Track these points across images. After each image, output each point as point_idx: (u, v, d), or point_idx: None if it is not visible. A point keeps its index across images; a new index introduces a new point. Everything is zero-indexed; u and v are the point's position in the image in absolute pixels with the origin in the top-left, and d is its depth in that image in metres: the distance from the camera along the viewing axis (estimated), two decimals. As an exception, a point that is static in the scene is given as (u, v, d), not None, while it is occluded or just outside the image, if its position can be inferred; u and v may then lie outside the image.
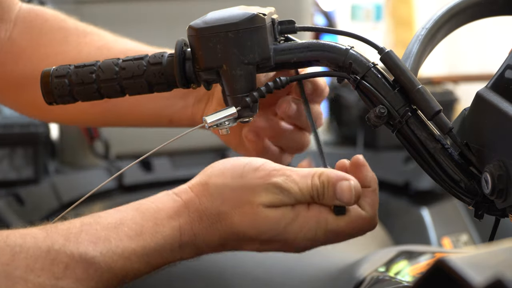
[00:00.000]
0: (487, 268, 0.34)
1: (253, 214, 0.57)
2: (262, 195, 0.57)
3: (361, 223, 0.60)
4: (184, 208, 0.57)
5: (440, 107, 0.60)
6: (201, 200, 0.58)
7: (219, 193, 0.58)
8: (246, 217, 0.57)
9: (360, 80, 0.62)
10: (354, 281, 0.89)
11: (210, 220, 0.57)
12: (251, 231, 0.58)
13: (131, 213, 0.56)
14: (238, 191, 0.57)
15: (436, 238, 1.72)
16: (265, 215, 0.57)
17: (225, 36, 0.62)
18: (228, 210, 0.57)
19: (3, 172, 1.60)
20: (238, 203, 0.57)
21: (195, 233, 0.57)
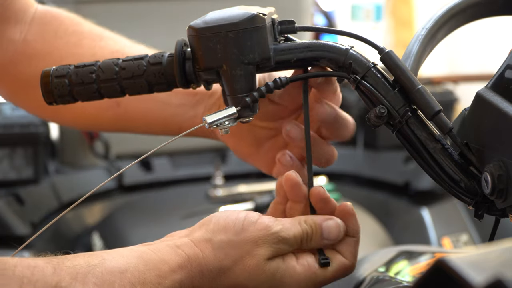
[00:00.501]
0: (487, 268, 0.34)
1: (255, 266, 0.59)
2: (264, 247, 0.59)
3: (344, 271, 0.64)
4: (187, 263, 0.58)
5: (440, 107, 0.60)
6: (204, 255, 0.59)
7: (222, 249, 0.59)
8: (247, 270, 0.59)
9: (360, 80, 0.62)
10: (354, 281, 0.89)
11: (211, 275, 0.59)
12: (251, 283, 0.59)
13: (134, 261, 0.57)
14: (240, 246, 0.59)
15: (436, 238, 1.72)
16: (264, 266, 0.59)
17: (225, 36, 0.62)
18: (230, 264, 0.59)
19: (3, 172, 1.60)
20: (240, 257, 0.59)
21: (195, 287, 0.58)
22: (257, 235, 0.59)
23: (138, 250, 0.59)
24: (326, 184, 1.54)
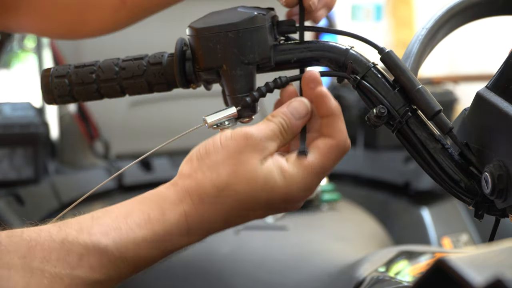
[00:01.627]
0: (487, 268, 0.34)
1: (248, 172, 0.59)
2: (249, 152, 0.60)
3: (336, 150, 0.62)
4: (185, 194, 0.59)
5: (440, 107, 0.60)
6: (198, 182, 0.60)
7: (213, 170, 0.60)
8: (243, 180, 0.59)
9: (360, 80, 0.62)
10: (354, 281, 0.89)
11: (210, 198, 0.59)
12: (251, 192, 0.59)
13: (136, 205, 0.59)
14: (228, 161, 0.60)
15: (436, 238, 1.72)
16: (257, 170, 0.60)
17: (225, 36, 0.62)
18: (225, 180, 0.59)
19: (3, 172, 1.60)
20: (232, 170, 0.59)
21: (200, 215, 0.59)
22: (238, 145, 0.60)
23: (139, 196, 0.60)
24: (326, 184, 1.54)
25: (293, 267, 1.20)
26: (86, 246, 0.55)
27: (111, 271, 0.56)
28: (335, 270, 1.10)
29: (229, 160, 0.59)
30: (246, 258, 1.22)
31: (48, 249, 0.54)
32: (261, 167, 0.60)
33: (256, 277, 1.19)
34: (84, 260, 0.55)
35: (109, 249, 0.56)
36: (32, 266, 0.53)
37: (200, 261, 1.24)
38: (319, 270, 1.16)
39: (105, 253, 0.56)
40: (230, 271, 1.21)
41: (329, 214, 1.48)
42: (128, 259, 0.57)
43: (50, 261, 0.54)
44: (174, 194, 0.60)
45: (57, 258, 0.54)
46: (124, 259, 0.56)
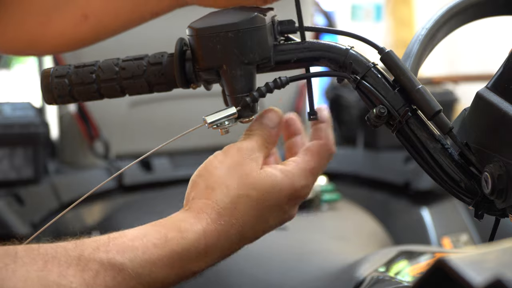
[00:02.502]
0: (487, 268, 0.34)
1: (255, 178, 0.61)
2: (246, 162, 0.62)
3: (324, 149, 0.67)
4: (201, 212, 0.60)
5: (440, 107, 0.60)
6: (211, 198, 0.60)
7: (220, 183, 0.61)
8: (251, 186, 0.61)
9: (360, 80, 0.62)
10: (354, 281, 0.89)
11: (227, 210, 0.60)
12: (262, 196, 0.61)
13: (152, 227, 0.59)
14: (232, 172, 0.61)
15: (436, 238, 1.72)
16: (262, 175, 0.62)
17: (225, 36, 0.62)
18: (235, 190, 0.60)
19: (3, 172, 1.60)
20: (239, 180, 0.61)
21: (218, 231, 0.59)
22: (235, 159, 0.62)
23: (152, 222, 0.60)
24: (326, 184, 1.54)
25: (293, 267, 1.20)
26: (102, 263, 0.55)
27: None
28: (335, 270, 1.10)
29: (233, 173, 0.61)
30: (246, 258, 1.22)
31: (65, 264, 0.53)
32: (263, 172, 0.61)
33: (256, 277, 1.19)
34: (100, 278, 0.54)
35: (124, 267, 0.55)
36: (49, 280, 0.52)
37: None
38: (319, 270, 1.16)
39: (120, 272, 0.55)
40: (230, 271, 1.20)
41: (329, 214, 1.48)
42: (143, 278, 0.56)
43: (67, 277, 0.53)
44: (191, 215, 0.60)
45: (73, 274, 0.53)
46: (139, 279, 0.56)
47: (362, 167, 1.95)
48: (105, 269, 0.54)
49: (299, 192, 0.64)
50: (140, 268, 0.56)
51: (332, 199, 1.51)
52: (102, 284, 0.54)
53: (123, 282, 0.55)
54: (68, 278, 0.53)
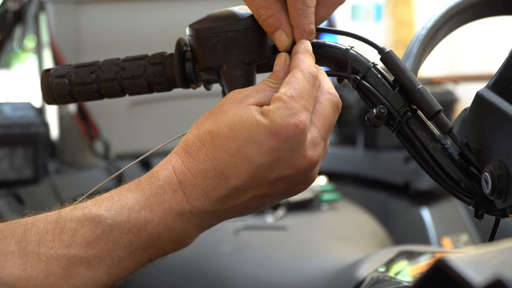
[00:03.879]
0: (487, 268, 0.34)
1: (228, 114, 0.58)
2: (233, 101, 0.59)
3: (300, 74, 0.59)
4: (172, 154, 0.59)
5: (440, 107, 0.60)
6: (183, 141, 0.59)
7: (196, 126, 0.59)
8: (222, 122, 0.57)
9: (360, 80, 0.62)
10: (354, 281, 0.89)
11: (194, 148, 0.58)
12: (231, 131, 0.57)
13: (128, 181, 0.59)
14: (211, 113, 0.59)
15: (436, 238, 1.72)
16: (239, 111, 0.58)
17: (225, 36, 0.62)
18: (205, 128, 0.58)
19: (3, 172, 1.60)
20: (213, 119, 0.58)
21: (188, 167, 0.57)
22: (221, 101, 0.60)
23: None
24: (326, 184, 1.54)
25: (293, 267, 1.20)
26: (79, 220, 0.54)
27: (109, 244, 0.54)
28: (335, 270, 1.10)
29: (210, 115, 0.59)
30: (246, 258, 1.22)
31: (43, 230, 0.53)
32: (240, 109, 0.58)
33: (256, 277, 1.19)
34: (79, 235, 0.53)
35: (102, 218, 0.54)
36: (28, 250, 0.52)
37: (200, 261, 1.24)
38: (319, 270, 1.16)
39: (98, 223, 0.54)
40: (230, 271, 1.21)
41: (329, 214, 1.48)
42: (123, 226, 0.54)
43: (45, 243, 0.53)
44: (163, 161, 0.59)
45: (52, 239, 0.53)
46: (119, 227, 0.54)
47: (362, 167, 1.95)
48: (82, 225, 0.54)
49: (281, 127, 0.56)
50: (118, 216, 0.54)
51: (332, 199, 1.51)
52: (81, 242, 0.53)
53: (103, 234, 0.54)
54: (46, 244, 0.53)
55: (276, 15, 0.61)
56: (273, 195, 0.59)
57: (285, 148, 0.56)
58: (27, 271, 0.52)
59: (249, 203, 0.59)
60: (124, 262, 0.55)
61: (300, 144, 0.57)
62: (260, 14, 0.61)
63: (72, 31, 1.78)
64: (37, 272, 0.52)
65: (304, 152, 0.57)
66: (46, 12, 1.80)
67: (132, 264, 0.56)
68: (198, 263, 1.24)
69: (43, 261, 0.52)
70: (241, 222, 1.33)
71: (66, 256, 0.53)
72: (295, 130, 0.56)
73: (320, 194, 1.49)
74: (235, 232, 1.28)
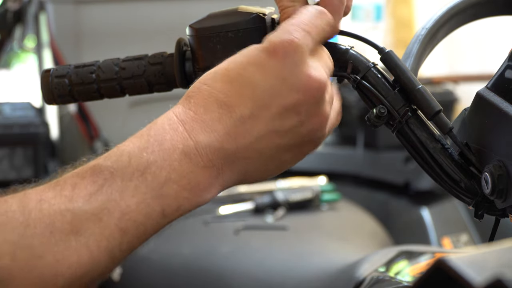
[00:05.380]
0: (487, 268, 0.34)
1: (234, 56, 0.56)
2: None
3: None
4: (176, 104, 0.57)
5: (440, 107, 0.60)
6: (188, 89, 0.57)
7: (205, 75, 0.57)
8: (225, 62, 0.56)
9: (360, 80, 0.62)
10: (354, 281, 0.89)
11: (195, 91, 0.56)
12: (235, 68, 0.55)
13: None
14: None
15: (436, 238, 1.72)
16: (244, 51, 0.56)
17: (225, 36, 0.62)
18: (209, 73, 0.56)
19: (3, 172, 1.60)
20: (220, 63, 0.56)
21: (188, 108, 0.55)
22: None
23: None
24: (326, 184, 1.54)
25: (293, 267, 1.20)
26: (78, 173, 0.51)
27: (114, 193, 0.50)
28: (335, 270, 1.10)
29: None
30: (246, 258, 1.22)
31: (43, 189, 0.50)
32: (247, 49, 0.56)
33: (256, 277, 1.19)
34: (80, 188, 0.50)
35: (101, 167, 0.51)
36: (30, 208, 0.49)
37: (200, 261, 1.24)
38: (319, 270, 1.16)
39: (99, 173, 0.50)
40: (230, 271, 1.21)
41: (329, 214, 1.48)
42: (125, 171, 0.51)
43: (47, 200, 0.49)
44: None
45: (53, 196, 0.50)
46: (121, 172, 0.50)
47: (362, 167, 1.95)
48: (82, 177, 0.50)
49: (276, 43, 0.54)
50: (118, 162, 0.51)
51: (332, 199, 1.51)
52: (84, 194, 0.49)
53: (107, 183, 0.50)
54: (48, 201, 0.49)
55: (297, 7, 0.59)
56: (286, 132, 0.55)
57: (286, 65, 0.54)
58: (30, 228, 0.48)
59: (263, 143, 0.54)
60: (135, 215, 0.50)
61: (302, 61, 0.54)
62: (283, 4, 0.60)
63: (72, 31, 1.78)
64: (41, 228, 0.48)
65: (308, 70, 0.54)
66: (46, 12, 1.80)
67: (145, 219, 0.51)
68: (198, 263, 1.24)
69: (46, 216, 0.49)
70: (241, 222, 1.33)
71: (70, 211, 0.49)
72: (291, 45, 0.54)
73: (320, 194, 1.49)
74: (235, 232, 1.28)
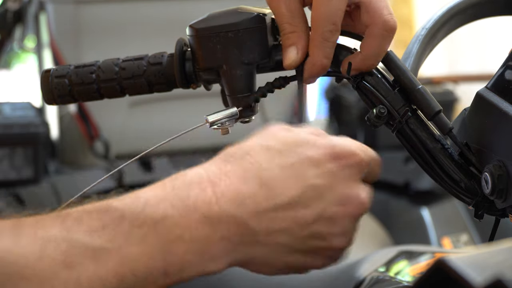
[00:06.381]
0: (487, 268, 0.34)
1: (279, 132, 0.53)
2: None
3: None
4: (205, 164, 0.52)
5: (440, 107, 0.60)
6: (219, 155, 0.53)
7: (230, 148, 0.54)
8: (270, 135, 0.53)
9: (360, 80, 0.62)
10: (354, 281, 0.89)
11: (236, 156, 0.51)
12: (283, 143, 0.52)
13: None
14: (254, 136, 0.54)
15: (436, 238, 1.72)
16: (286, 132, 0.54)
17: (225, 36, 0.62)
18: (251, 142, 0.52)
19: (3, 172, 1.60)
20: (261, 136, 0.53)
21: (225, 172, 0.50)
22: None
23: None
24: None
25: (293, 267, 1.20)
26: (84, 209, 0.46)
27: (118, 236, 0.45)
28: (335, 270, 1.10)
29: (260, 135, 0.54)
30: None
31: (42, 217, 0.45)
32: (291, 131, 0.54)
33: (256, 277, 1.19)
34: (83, 223, 0.45)
35: (112, 207, 0.46)
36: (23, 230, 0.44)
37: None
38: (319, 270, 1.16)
39: (107, 211, 0.45)
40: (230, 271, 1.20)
41: (329, 214, 1.48)
42: (136, 217, 0.45)
43: (44, 227, 0.44)
44: None
45: (51, 224, 0.45)
46: (132, 217, 0.45)
47: (362, 167, 1.95)
48: (88, 213, 0.45)
49: (341, 149, 0.52)
50: (131, 205, 0.46)
51: (332, 199, 1.50)
52: (86, 229, 0.45)
53: (113, 224, 0.45)
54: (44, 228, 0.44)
55: (299, 33, 0.61)
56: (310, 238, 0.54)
57: (343, 174, 0.52)
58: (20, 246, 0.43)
59: (285, 237, 0.52)
60: (135, 265, 0.45)
61: (356, 177, 0.53)
62: (284, 27, 0.61)
63: (72, 31, 1.78)
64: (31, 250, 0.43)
65: (359, 189, 0.53)
66: (46, 12, 1.80)
67: (145, 272, 0.46)
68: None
69: (40, 239, 0.43)
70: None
71: (66, 239, 0.44)
72: (356, 157, 0.53)
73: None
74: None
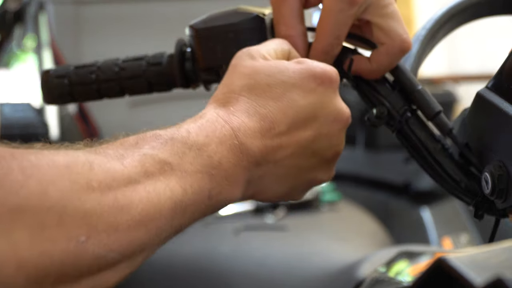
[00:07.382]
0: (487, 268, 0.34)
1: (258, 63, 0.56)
2: None
3: None
4: (206, 109, 0.56)
5: (440, 108, 0.60)
6: (213, 98, 0.57)
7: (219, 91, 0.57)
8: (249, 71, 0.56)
9: (360, 80, 0.62)
10: (354, 281, 0.89)
11: (232, 99, 0.55)
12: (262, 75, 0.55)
13: None
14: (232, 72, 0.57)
15: (436, 238, 1.72)
16: None
17: (225, 36, 0.62)
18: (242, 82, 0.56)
19: (3, 172, 1.60)
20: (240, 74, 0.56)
21: (231, 111, 0.54)
22: None
23: None
24: (326, 184, 1.54)
25: (293, 267, 1.20)
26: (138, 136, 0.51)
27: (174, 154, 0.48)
28: (335, 270, 1.10)
29: (231, 77, 0.57)
30: (246, 258, 1.22)
31: (103, 145, 0.49)
32: (269, 61, 0.57)
33: (256, 277, 1.19)
34: (141, 143, 0.49)
35: (160, 133, 0.50)
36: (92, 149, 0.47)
37: (200, 261, 1.24)
38: (319, 270, 1.16)
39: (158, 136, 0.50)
40: (230, 271, 1.21)
41: (329, 214, 1.48)
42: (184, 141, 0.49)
43: (110, 147, 0.48)
44: None
45: (115, 147, 0.48)
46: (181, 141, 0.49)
47: (362, 167, 1.95)
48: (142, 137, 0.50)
49: (316, 69, 0.56)
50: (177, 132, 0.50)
51: (332, 199, 1.51)
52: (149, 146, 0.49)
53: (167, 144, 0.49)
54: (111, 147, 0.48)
55: (295, 37, 0.61)
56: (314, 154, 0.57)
57: (328, 93, 0.56)
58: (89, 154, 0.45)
59: (291, 161, 0.55)
60: (191, 182, 0.49)
61: (335, 93, 0.57)
62: (281, 30, 0.62)
63: (72, 31, 1.78)
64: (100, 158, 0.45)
65: (342, 104, 0.58)
66: (46, 12, 1.80)
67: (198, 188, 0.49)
68: (198, 264, 1.24)
69: (110, 155, 0.46)
70: (241, 223, 1.33)
71: (137, 153, 0.47)
72: (334, 76, 0.56)
73: (320, 194, 1.49)
74: (235, 232, 1.28)
